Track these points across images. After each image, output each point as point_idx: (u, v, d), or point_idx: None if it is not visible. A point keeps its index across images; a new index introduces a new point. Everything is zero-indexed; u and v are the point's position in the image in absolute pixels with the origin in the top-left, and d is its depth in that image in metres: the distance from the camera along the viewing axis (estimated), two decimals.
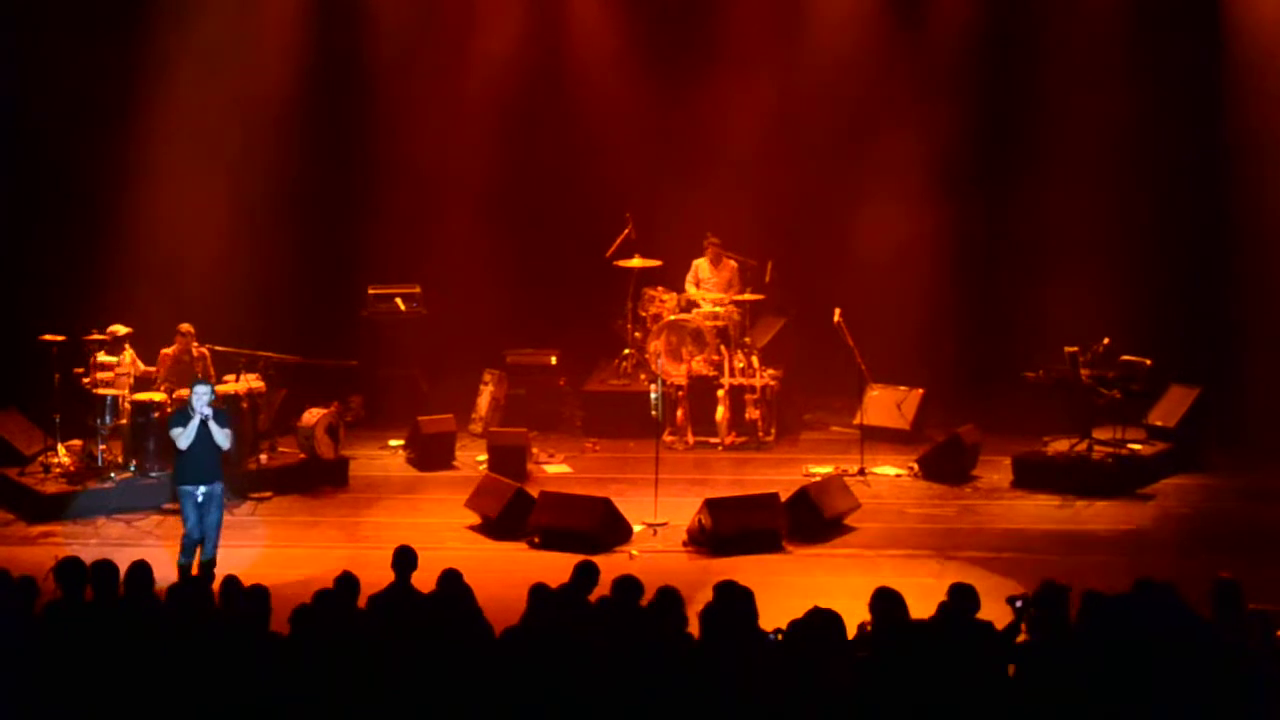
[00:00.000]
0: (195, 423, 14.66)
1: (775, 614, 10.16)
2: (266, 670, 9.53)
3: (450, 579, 11.40)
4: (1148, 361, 19.01)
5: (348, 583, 11.32)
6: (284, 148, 21.78)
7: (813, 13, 22.33)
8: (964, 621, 10.17)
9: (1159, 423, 19.47)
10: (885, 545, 16.58)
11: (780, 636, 9.80)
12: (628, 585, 10.91)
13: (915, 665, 9.50)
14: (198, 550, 14.75)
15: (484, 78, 22.41)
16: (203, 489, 14.75)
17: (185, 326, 18.58)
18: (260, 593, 10.65)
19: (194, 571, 14.53)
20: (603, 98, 22.63)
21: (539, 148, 22.77)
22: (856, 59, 22.07)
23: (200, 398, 14.72)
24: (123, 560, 11.20)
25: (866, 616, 10.22)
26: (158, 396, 18.06)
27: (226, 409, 15.76)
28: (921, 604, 10.43)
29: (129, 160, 21.18)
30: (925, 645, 9.75)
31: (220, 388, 18.36)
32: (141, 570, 11.12)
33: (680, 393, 20.40)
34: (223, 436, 14.77)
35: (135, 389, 18.33)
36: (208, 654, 9.74)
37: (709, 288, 21.30)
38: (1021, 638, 10.23)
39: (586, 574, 11.58)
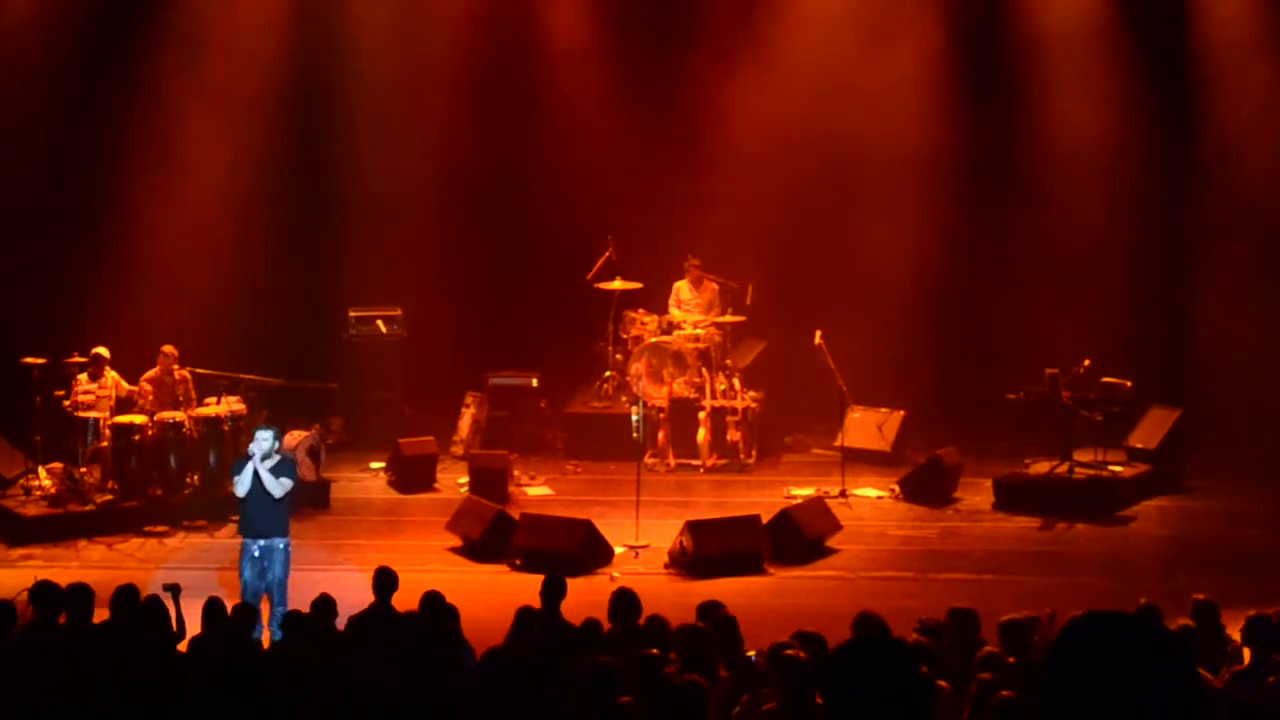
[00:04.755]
0: (249, 469, 13.84)
1: (757, 636, 10.16)
2: (243, 694, 9.49)
3: (432, 601, 11.41)
4: (1128, 383, 19.06)
5: (325, 605, 11.34)
6: (265, 170, 21.79)
7: (792, 39, 22.38)
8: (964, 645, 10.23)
9: (1139, 445, 19.50)
10: (867, 567, 16.60)
11: (761, 659, 9.80)
12: (626, 601, 10.94)
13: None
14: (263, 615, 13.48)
15: (465, 100, 22.42)
16: (260, 543, 13.82)
17: (168, 348, 18.57)
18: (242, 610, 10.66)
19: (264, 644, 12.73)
20: (584, 120, 22.64)
21: (520, 171, 22.80)
22: (836, 84, 22.13)
23: (258, 443, 13.88)
24: (102, 584, 11.21)
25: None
26: (139, 419, 18.03)
27: (292, 459, 14.67)
28: (902, 627, 10.44)
29: (109, 183, 21.19)
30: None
31: (201, 410, 18.38)
32: (129, 593, 11.11)
33: (661, 415, 20.40)
34: (275, 485, 13.82)
35: (119, 410, 18.29)
36: (183, 678, 9.72)
37: (690, 310, 21.32)
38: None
39: (553, 588, 11.62)
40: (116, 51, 21.12)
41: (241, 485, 13.87)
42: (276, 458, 14.03)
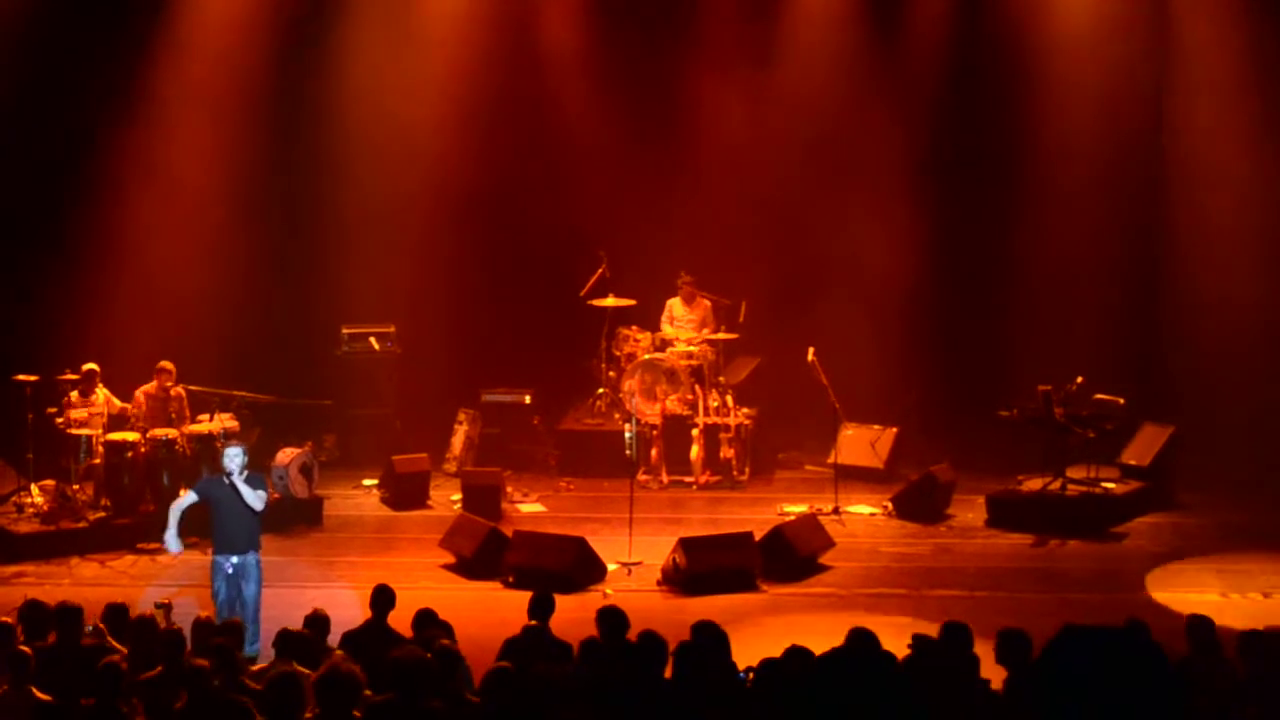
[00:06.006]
0: (186, 500, 14.03)
1: (749, 653, 10.16)
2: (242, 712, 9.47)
3: (425, 619, 11.39)
4: (1121, 400, 19.06)
5: (317, 623, 11.32)
6: (259, 188, 21.79)
7: (784, 53, 22.45)
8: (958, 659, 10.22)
9: (1132, 461, 19.50)
10: (860, 584, 16.57)
11: (752, 675, 9.78)
12: (613, 617, 10.92)
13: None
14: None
15: (458, 116, 22.43)
16: (234, 559, 13.76)
17: (165, 364, 18.50)
18: (234, 629, 10.65)
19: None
20: (577, 137, 22.67)
21: (513, 187, 22.80)
22: (828, 99, 22.21)
23: (232, 460, 13.73)
24: (95, 602, 11.20)
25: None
26: (131, 436, 18.00)
27: (259, 475, 14.27)
28: (895, 643, 10.44)
29: (102, 201, 21.17)
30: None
31: (194, 427, 18.35)
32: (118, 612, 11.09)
33: (654, 432, 20.40)
34: (255, 499, 13.73)
35: (110, 428, 18.26)
36: (178, 698, 9.69)
37: (682, 326, 21.34)
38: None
39: (541, 605, 11.60)
40: (105, 67, 21.09)
41: (174, 518, 13.98)
42: (245, 472, 13.89)
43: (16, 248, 21.01)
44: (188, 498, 14.20)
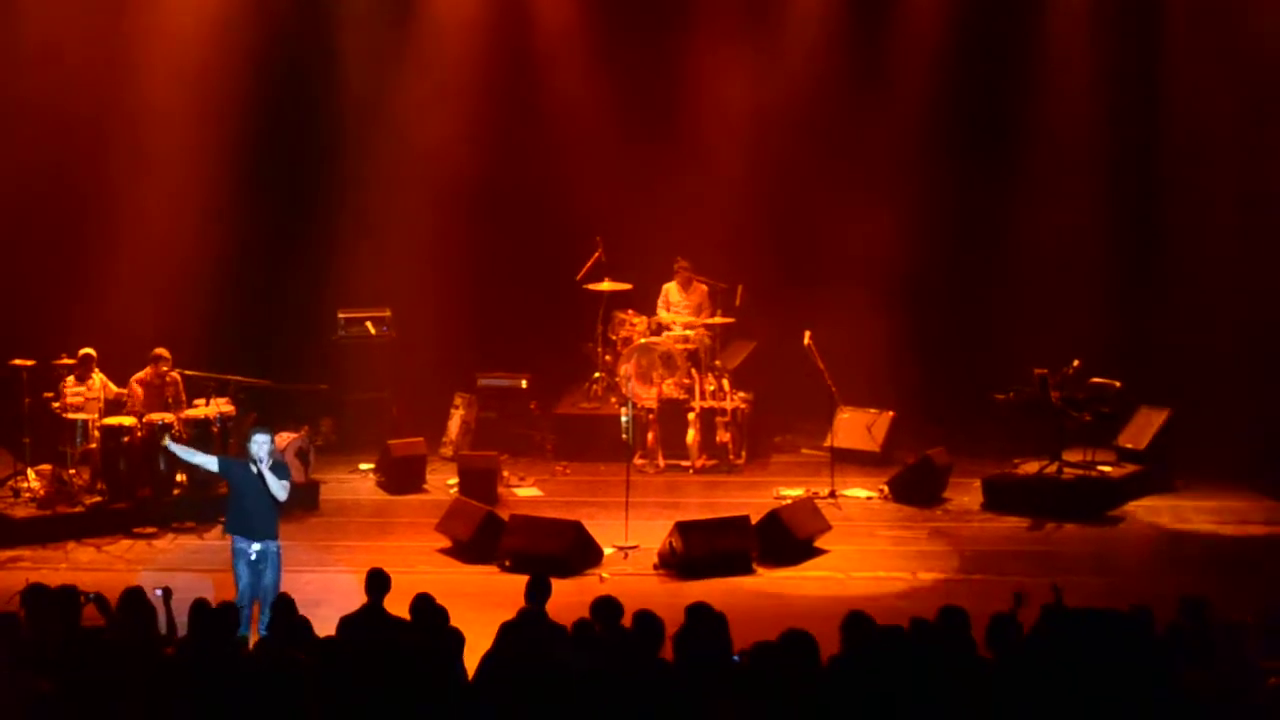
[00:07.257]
0: (207, 460, 14.11)
1: (746, 636, 10.16)
2: (231, 695, 9.49)
3: (424, 604, 11.39)
4: (1117, 384, 19.07)
5: (284, 604, 11.34)
6: (254, 172, 21.74)
7: (781, 36, 22.42)
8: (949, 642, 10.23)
9: (1128, 445, 19.52)
10: (856, 567, 16.59)
11: (744, 659, 9.77)
12: (608, 607, 10.92)
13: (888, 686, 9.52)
14: (253, 621, 13.52)
15: (453, 99, 22.40)
16: (256, 546, 13.65)
17: (161, 351, 18.51)
18: (230, 612, 10.69)
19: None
20: (573, 121, 22.64)
21: (509, 171, 22.75)
22: (826, 82, 22.18)
23: (260, 447, 13.64)
24: (91, 586, 11.21)
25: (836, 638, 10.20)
26: (128, 421, 18.00)
27: (283, 460, 14.27)
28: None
29: (97, 185, 21.14)
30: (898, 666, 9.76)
31: (190, 412, 18.35)
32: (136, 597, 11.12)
33: (651, 416, 20.40)
34: (279, 488, 13.61)
35: (106, 412, 18.26)
36: (171, 682, 9.71)
37: (679, 311, 21.33)
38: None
39: (536, 588, 11.60)
40: (103, 46, 21.06)
41: (185, 452, 14.39)
42: (271, 460, 13.89)
43: (13, 232, 20.97)
44: (209, 460, 14.17)
